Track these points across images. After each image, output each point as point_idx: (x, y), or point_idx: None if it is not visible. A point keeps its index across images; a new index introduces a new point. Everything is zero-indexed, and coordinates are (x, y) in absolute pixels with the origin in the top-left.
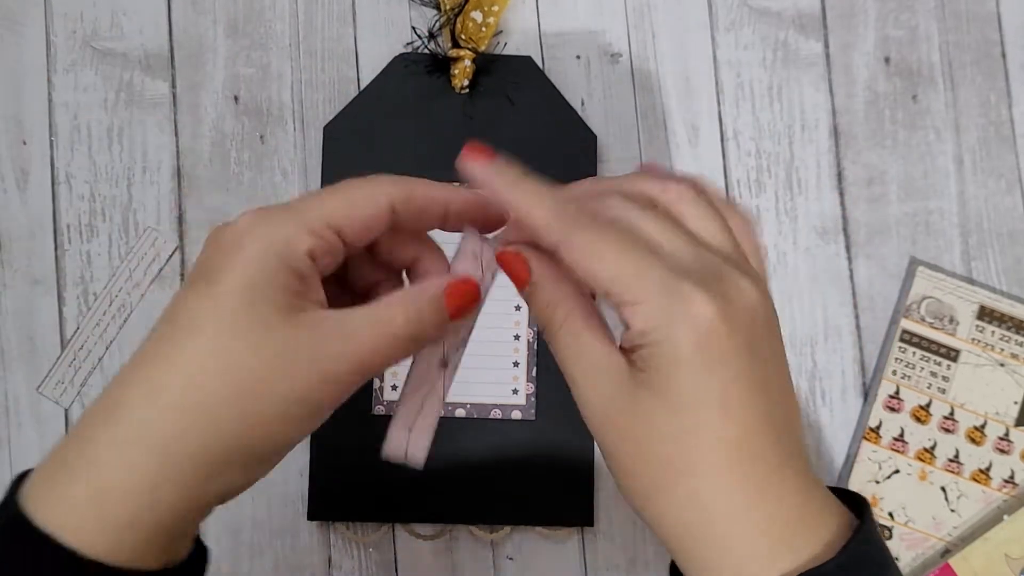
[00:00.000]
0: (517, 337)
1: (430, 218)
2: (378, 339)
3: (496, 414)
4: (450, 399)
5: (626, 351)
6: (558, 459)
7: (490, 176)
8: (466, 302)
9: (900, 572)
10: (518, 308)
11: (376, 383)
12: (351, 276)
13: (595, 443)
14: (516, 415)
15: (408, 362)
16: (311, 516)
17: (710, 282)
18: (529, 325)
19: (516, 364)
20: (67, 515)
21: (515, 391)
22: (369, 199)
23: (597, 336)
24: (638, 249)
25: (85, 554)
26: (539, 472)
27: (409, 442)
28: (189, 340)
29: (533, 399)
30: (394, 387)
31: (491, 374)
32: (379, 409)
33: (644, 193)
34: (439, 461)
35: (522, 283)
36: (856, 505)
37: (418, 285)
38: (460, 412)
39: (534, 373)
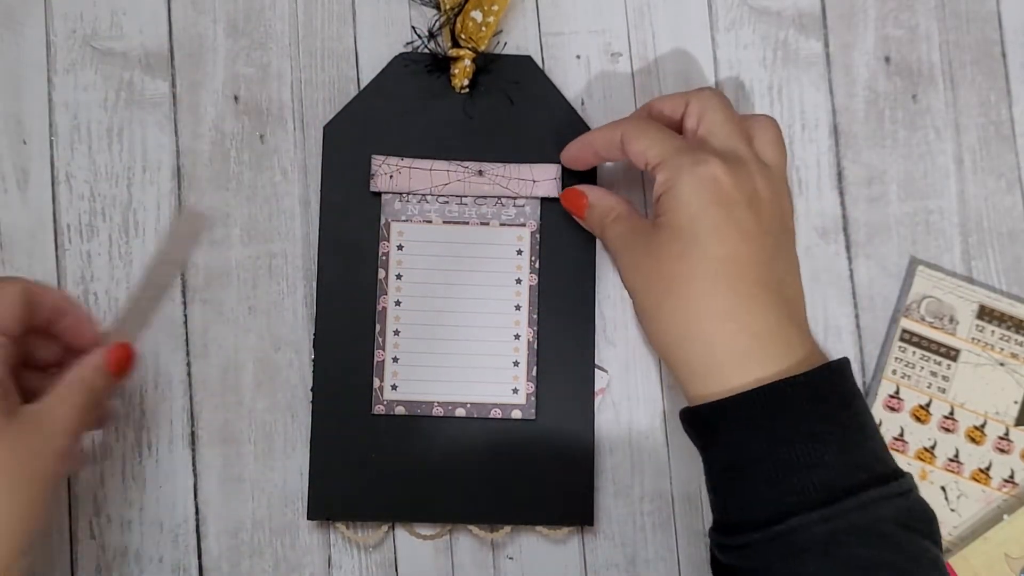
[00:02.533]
0: (517, 336)
1: (46, 316)
2: (72, 412)
3: (496, 413)
4: (450, 398)
5: (654, 212)
6: (558, 459)
7: (586, 138)
8: (125, 361)
9: (868, 410)
10: (518, 308)
11: (376, 383)
12: (36, 356)
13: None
14: (516, 415)
15: None
16: (311, 516)
17: (728, 158)
18: (529, 324)
19: (516, 364)
20: None
21: (515, 390)
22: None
23: (633, 218)
24: (669, 132)
25: None
26: (539, 472)
27: None
28: None
29: (533, 399)
30: (394, 386)
31: (491, 373)
32: (379, 408)
33: (681, 96)
34: (439, 461)
35: (583, 207)
36: (837, 362)
37: (78, 367)
38: (460, 412)
39: (534, 373)
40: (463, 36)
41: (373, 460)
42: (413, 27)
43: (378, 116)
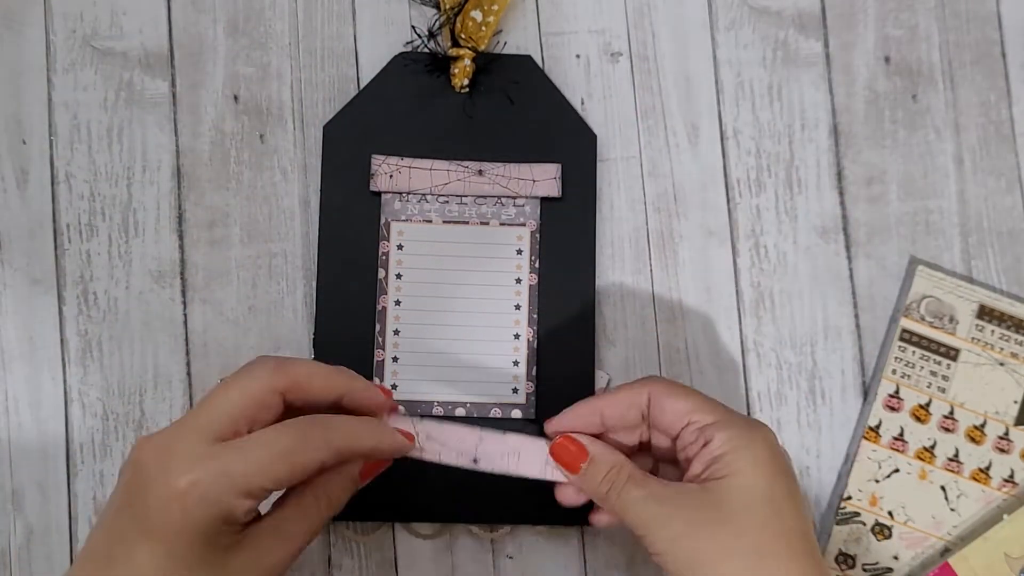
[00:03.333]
0: (517, 336)
1: (324, 402)
2: (304, 533)
3: (496, 413)
4: (450, 398)
5: (691, 476)
6: None
7: (587, 404)
8: (373, 473)
9: None
10: (518, 308)
11: (376, 382)
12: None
13: None
14: (516, 414)
15: None
16: None
17: (762, 423)
18: (529, 324)
19: (516, 363)
20: None
21: (515, 390)
22: (304, 464)
23: (650, 481)
24: (700, 393)
25: None
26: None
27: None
28: None
29: (533, 398)
30: (394, 386)
31: (491, 373)
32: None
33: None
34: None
35: (578, 463)
36: None
37: (338, 475)
38: (460, 411)
39: (534, 372)
40: (463, 36)
41: None
42: (413, 27)
43: (378, 116)
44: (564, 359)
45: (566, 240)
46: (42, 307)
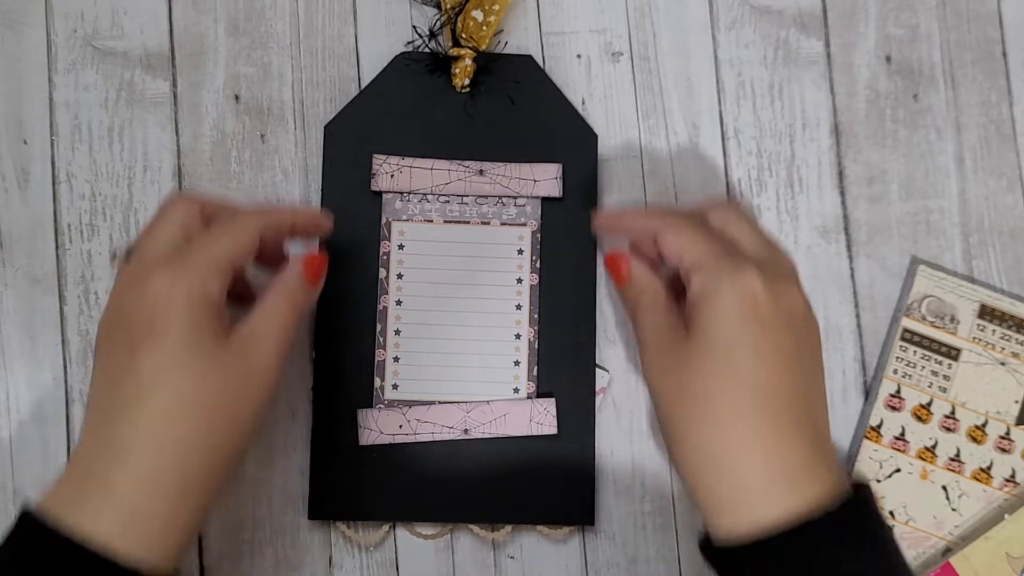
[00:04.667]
0: (518, 336)
1: (282, 235)
2: (279, 332)
3: None
4: (450, 398)
5: (687, 317)
6: (559, 458)
7: (618, 215)
8: (318, 271)
9: (895, 539)
10: (519, 307)
11: (378, 382)
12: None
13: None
14: None
15: None
16: (311, 516)
17: (768, 270)
18: (530, 324)
19: (517, 363)
20: (97, 530)
21: (516, 390)
22: (246, 233)
23: (669, 312)
24: (708, 232)
25: (125, 563)
26: (540, 471)
27: None
28: (164, 389)
29: (535, 398)
30: (395, 386)
31: (492, 373)
32: (379, 407)
33: (699, 208)
34: (439, 460)
35: (624, 278)
36: (861, 489)
37: (279, 280)
38: None
39: (535, 372)
40: (464, 36)
41: (374, 459)
42: (414, 26)
43: (379, 116)
44: (565, 358)
45: (567, 240)
46: (43, 307)
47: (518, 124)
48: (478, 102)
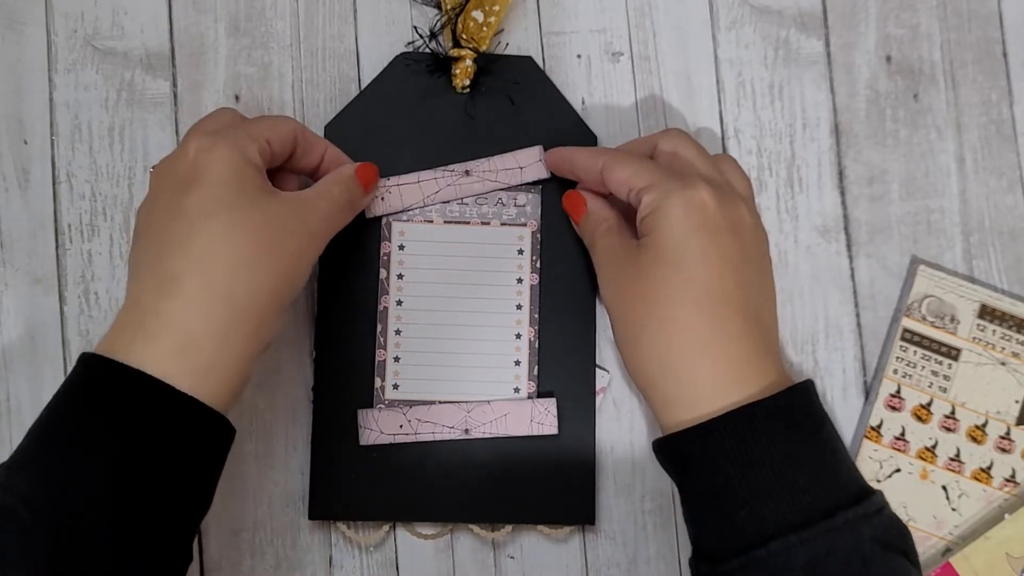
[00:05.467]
0: (519, 336)
1: (314, 155)
2: (328, 206)
3: None
4: (451, 398)
5: (639, 234)
6: (559, 458)
7: (567, 154)
8: (371, 177)
9: (836, 430)
10: (519, 307)
11: (378, 382)
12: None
13: (595, 429)
14: None
15: None
16: (312, 516)
17: (716, 185)
18: (530, 324)
19: (517, 363)
20: (153, 364)
21: (516, 389)
22: (283, 123)
23: (623, 235)
24: (651, 161)
25: (179, 388)
26: (540, 471)
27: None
28: (212, 220)
29: (535, 398)
30: (395, 386)
31: (492, 373)
32: (380, 407)
33: (648, 138)
34: (440, 460)
35: (580, 211)
36: (803, 383)
37: (337, 170)
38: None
39: (535, 372)
40: (464, 36)
41: (374, 459)
42: (414, 27)
43: (379, 116)
44: (565, 358)
45: (567, 240)
46: (43, 307)
47: (518, 124)
48: (478, 102)
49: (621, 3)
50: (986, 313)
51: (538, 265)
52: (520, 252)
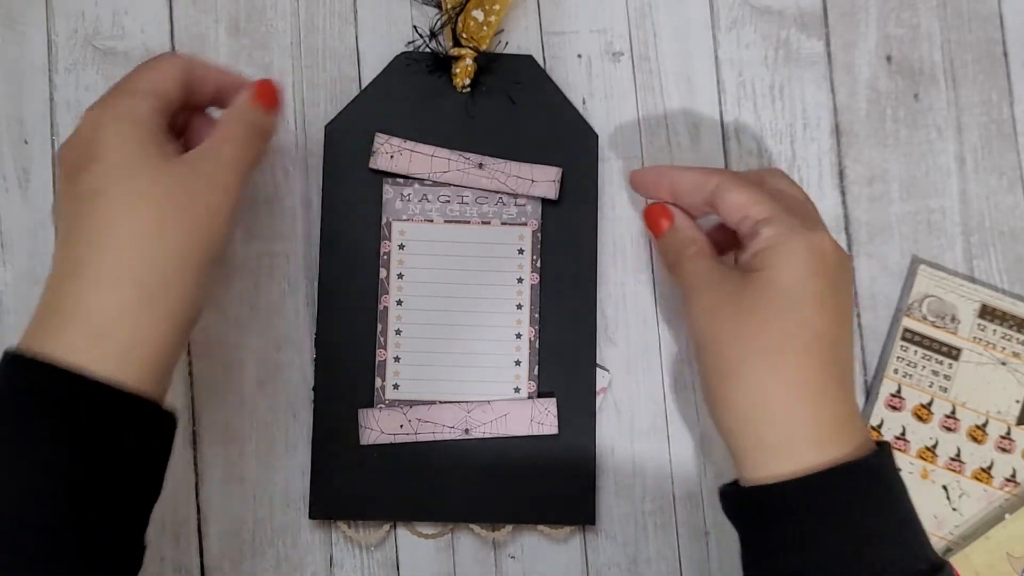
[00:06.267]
0: (519, 336)
1: (208, 88)
2: (233, 150)
3: None
4: (452, 398)
5: (741, 264)
6: (560, 458)
7: (667, 170)
8: (270, 94)
9: (909, 498)
10: (519, 307)
11: (378, 382)
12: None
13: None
14: None
15: None
16: (312, 515)
17: (822, 228)
18: (531, 324)
19: (518, 363)
20: (70, 354)
21: (517, 389)
22: (161, 66)
23: (716, 259)
24: (768, 193)
25: (95, 377)
26: (540, 471)
27: None
28: (108, 198)
29: (536, 398)
30: (396, 386)
31: (493, 372)
32: (380, 407)
33: (754, 173)
34: (440, 460)
35: (663, 228)
36: (884, 445)
37: (231, 105)
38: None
39: (536, 372)
40: (464, 36)
41: (374, 459)
42: (415, 26)
43: (380, 116)
44: (565, 358)
45: (567, 240)
46: None
47: (519, 124)
48: (479, 102)
49: (621, 3)
50: (986, 313)
51: (538, 265)
52: (520, 252)
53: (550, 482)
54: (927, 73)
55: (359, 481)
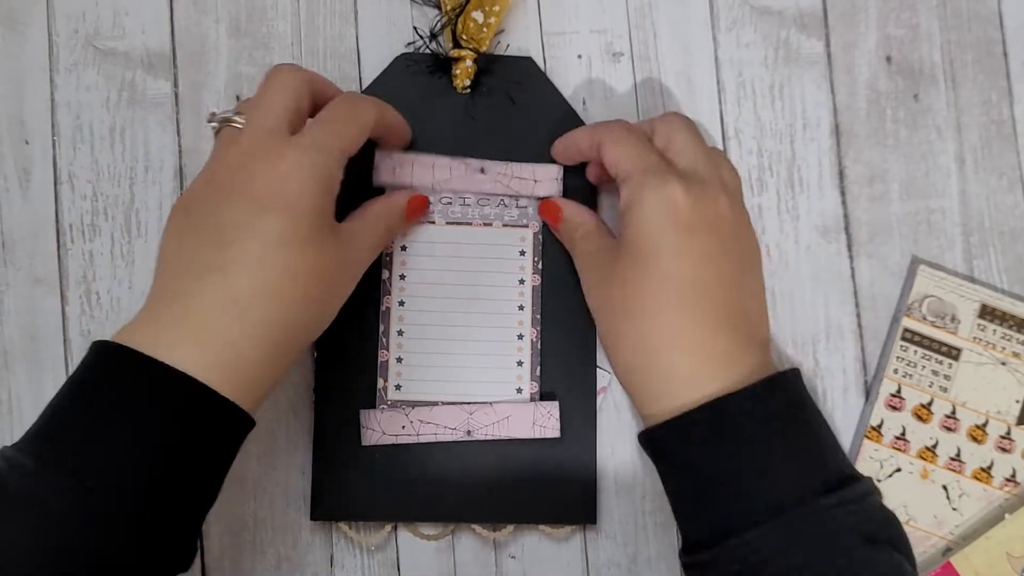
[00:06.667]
0: (521, 337)
1: (393, 136)
2: (375, 240)
3: None
4: (454, 399)
5: (618, 231)
6: (560, 457)
7: (569, 139)
8: (419, 209)
9: (822, 418)
10: (521, 308)
11: (380, 383)
12: None
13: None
14: None
15: None
16: (313, 517)
17: (691, 179)
18: (532, 325)
19: (520, 363)
20: (198, 370)
21: (519, 390)
22: (368, 123)
23: (603, 237)
24: (644, 145)
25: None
26: (541, 471)
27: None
28: (286, 252)
29: (537, 398)
30: (398, 386)
31: (494, 374)
32: (382, 408)
33: (647, 122)
34: (441, 460)
35: (558, 219)
36: (788, 372)
37: (388, 202)
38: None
39: (538, 373)
40: (464, 37)
41: (375, 460)
42: (415, 27)
43: None
44: (567, 359)
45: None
46: (45, 307)
47: (519, 125)
48: (479, 103)
49: (621, 3)
50: (986, 313)
51: (540, 266)
52: (522, 253)
53: (551, 482)
54: (927, 73)
55: (360, 482)
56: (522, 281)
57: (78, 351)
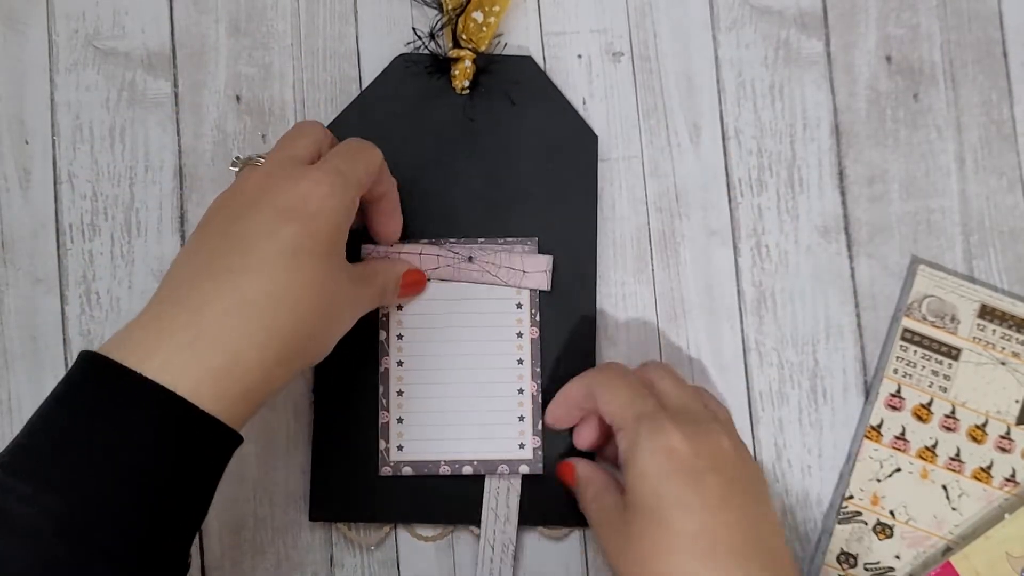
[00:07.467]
0: (521, 391)
1: (378, 190)
2: (372, 295)
3: (503, 469)
4: (456, 456)
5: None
6: (560, 457)
7: (561, 397)
8: (414, 283)
9: None
10: (520, 362)
11: (382, 444)
12: None
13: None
14: (524, 469)
15: None
16: (312, 517)
17: (685, 422)
18: (532, 378)
19: (521, 418)
20: (186, 383)
21: (521, 445)
22: (379, 162)
23: (614, 494)
24: (636, 389)
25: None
26: (540, 473)
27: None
28: (307, 264)
29: (540, 453)
30: (400, 447)
31: (496, 429)
32: (385, 471)
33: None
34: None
35: (573, 480)
36: None
37: (392, 265)
38: (467, 469)
39: (540, 427)
40: (464, 37)
41: (375, 462)
42: (414, 28)
43: (379, 117)
44: (567, 358)
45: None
46: (45, 307)
47: (519, 125)
48: (478, 103)
49: (621, 3)
50: (986, 313)
51: (538, 319)
52: (519, 306)
53: (550, 483)
54: (927, 73)
55: (359, 484)
56: (520, 335)
57: (78, 351)
